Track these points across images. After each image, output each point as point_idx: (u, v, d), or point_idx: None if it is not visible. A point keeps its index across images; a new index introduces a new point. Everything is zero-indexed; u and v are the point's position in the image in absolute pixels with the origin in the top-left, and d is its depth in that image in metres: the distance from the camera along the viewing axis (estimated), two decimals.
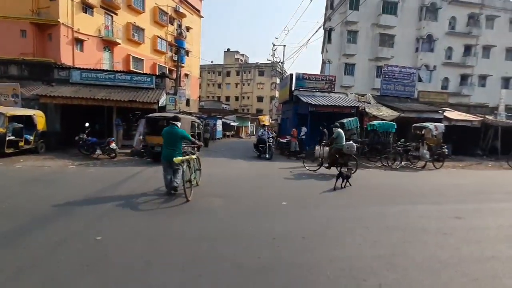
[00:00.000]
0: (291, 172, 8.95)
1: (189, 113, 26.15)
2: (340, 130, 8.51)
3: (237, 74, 61.19)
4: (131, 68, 24.46)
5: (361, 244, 3.59)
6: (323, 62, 28.08)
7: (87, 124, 10.47)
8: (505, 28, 30.08)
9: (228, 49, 66.78)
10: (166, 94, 13.77)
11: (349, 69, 28.40)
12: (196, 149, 6.10)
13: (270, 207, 5.11)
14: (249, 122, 40.98)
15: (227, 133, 31.53)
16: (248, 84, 60.44)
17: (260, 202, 5.40)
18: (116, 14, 23.52)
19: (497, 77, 30.04)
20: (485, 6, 29.47)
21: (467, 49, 29.76)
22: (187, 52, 33.59)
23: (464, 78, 30.06)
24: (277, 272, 2.80)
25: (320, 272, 2.84)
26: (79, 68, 13.74)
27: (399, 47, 28.35)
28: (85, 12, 21.04)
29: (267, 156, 12.11)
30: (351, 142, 8.53)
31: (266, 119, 42.85)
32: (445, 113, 15.75)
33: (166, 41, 29.90)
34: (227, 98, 60.70)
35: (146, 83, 13.51)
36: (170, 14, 30.12)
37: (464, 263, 3.17)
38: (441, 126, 11.91)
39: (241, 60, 67.30)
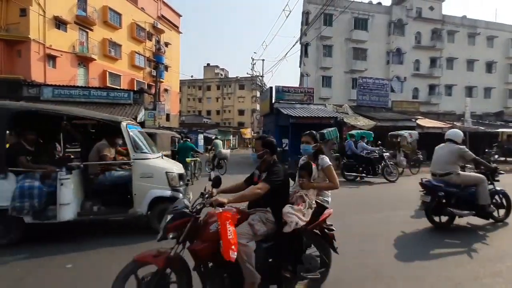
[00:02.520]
0: None
1: (169, 128, 25.75)
2: None
3: (218, 88, 61.49)
4: (108, 84, 23.84)
5: (346, 253, 3.56)
6: (302, 75, 28.92)
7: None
8: (464, 42, 32.71)
9: (208, 64, 67.29)
10: (145, 110, 13.49)
11: (326, 81, 29.42)
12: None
13: None
14: (231, 136, 40.94)
15: (209, 147, 31.21)
16: (229, 98, 60.78)
17: None
18: (91, 30, 23.09)
19: (461, 87, 32.32)
20: (446, 22, 32.00)
21: (433, 61, 31.91)
22: (166, 67, 33.41)
23: (432, 88, 32.02)
24: None
25: None
26: (51, 85, 13.21)
27: (372, 60, 29.88)
28: (58, 28, 20.47)
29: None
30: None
31: (248, 132, 43.11)
32: (417, 121, 16.59)
33: (145, 56, 29.64)
34: (208, 112, 60.54)
35: (124, 98, 13.21)
36: (148, 30, 30.03)
37: (445, 267, 3.23)
38: (415, 133, 12.49)
39: (221, 75, 67.90)
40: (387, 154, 10.05)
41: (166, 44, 33.63)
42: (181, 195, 4.04)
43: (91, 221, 4.17)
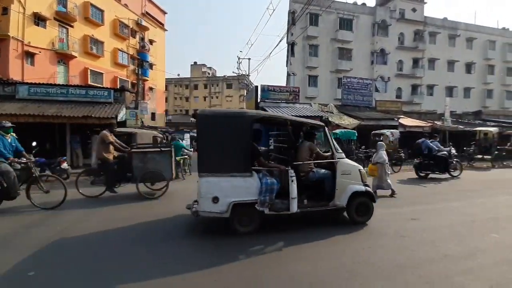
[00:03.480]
0: None
1: (154, 128, 25.25)
2: None
3: (205, 87, 60.91)
4: (90, 82, 23.12)
5: (323, 255, 3.54)
6: (288, 75, 29.01)
7: (34, 143, 9.49)
8: (445, 43, 33.74)
9: (195, 62, 66.59)
10: (126, 109, 13.12)
11: (313, 80, 29.64)
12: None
13: None
14: None
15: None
16: (217, 97, 60.36)
17: None
18: (72, 26, 22.28)
19: (442, 87, 33.33)
20: (428, 24, 32.89)
21: (415, 62, 32.73)
22: (151, 65, 32.72)
23: (414, 88, 32.85)
24: None
25: None
26: (26, 83, 12.62)
27: (357, 60, 30.33)
28: (37, 25, 19.64)
29: None
30: None
31: None
32: (400, 120, 16.94)
33: (128, 54, 28.88)
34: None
35: (104, 97, 12.78)
36: (131, 27, 29.29)
37: (419, 265, 3.25)
38: (396, 132, 12.75)
39: (209, 73, 67.31)
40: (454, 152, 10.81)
41: (151, 42, 32.95)
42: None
43: (304, 213, 4.48)
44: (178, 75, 62.89)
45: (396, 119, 17.04)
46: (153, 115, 33.44)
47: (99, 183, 6.68)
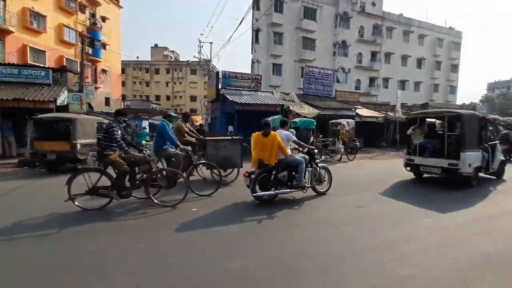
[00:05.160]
0: None
1: (108, 114, 23.33)
2: None
3: (167, 72, 57.82)
4: (30, 62, 20.40)
5: (261, 248, 3.40)
6: (253, 62, 28.57)
7: None
8: (400, 39, 35.78)
9: (156, 45, 62.42)
10: (69, 91, 11.72)
11: (277, 69, 29.60)
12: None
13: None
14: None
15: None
16: (180, 83, 57.73)
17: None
18: None
19: (396, 80, 35.57)
20: (385, 19, 34.47)
21: (373, 55, 34.32)
22: (104, 45, 29.95)
23: (372, 80, 34.59)
24: None
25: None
26: None
27: (320, 50, 30.86)
28: None
29: None
30: None
31: (200, 119, 41.60)
32: (356, 111, 17.65)
33: (76, 31, 25.95)
34: (157, 98, 56.72)
35: (40, 77, 11.26)
36: (80, 0, 26.26)
37: (357, 253, 3.26)
38: (352, 122, 13.18)
39: (171, 57, 63.78)
40: None
41: (103, 19, 30.02)
42: None
43: None
44: (137, 57, 58.70)
45: (353, 109, 17.72)
46: (107, 100, 30.90)
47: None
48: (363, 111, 18.54)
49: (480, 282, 2.72)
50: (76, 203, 4.48)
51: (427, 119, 8.24)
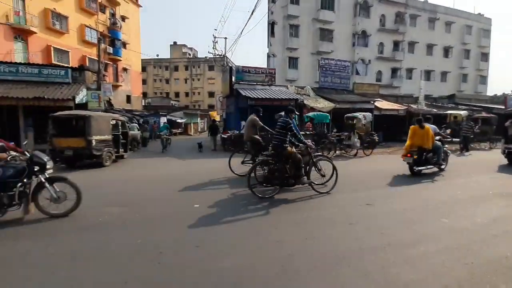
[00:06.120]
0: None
1: (128, 111, 24.09)
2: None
3: (186, 69, 58.70)
4: (53, 61, 21.44)
5: (261, 246, 3.27)
6: (268, 56, 28.19)
7: None
8: (425, 26, 33.77)
9: (175, 43, 63.62)
10: (88, 90, 12.14)
11: (293, 62, 29.02)
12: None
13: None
14: (199, 119, 39.65)
15: (174, 130, 30.03)
16: (198, 79, 58.46)
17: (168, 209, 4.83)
18: None
19: (421, 70, 33.70)
20: (409, 6, 32.62)
21: (396, 44, 32.69)
22: (124, 44, 30.83)
23: (394, 71, 33.01)
24: None
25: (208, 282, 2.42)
26: None
27: (338, 41, 29.84)
28: None
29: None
30: None
31: (215, 115, 41.97)
32: (375, 103, 16.90)
33: (97, 31, 26.88)
34: (177, 94, 57.95)
35: (60, 77, 11.74)
36: (100, 1, 27.13)
37: (360, 255, 3.04)
38: (368, 115, 12.62)
39: (189, 54, 64.68)
40: None
41: (123, 18, 30.87)
42: None
43: None
44: (157, 55, 60.06)
45: (372, 102, 16.97)
46: (128, 98, 31.92)
47: (248, 162, 7.29)
48: (382, 104, 17.72)
49: None
50: (255, 192, 5.12)
51: None
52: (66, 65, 18.25)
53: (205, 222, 4.03)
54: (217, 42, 26.62)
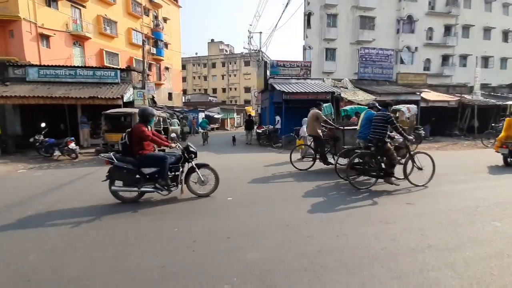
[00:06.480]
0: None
1: (169, 107, 25.53)
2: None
3: (223, 65, 60.04)
4: (105, 63, 23.54)
5: (292, 241, 3.29)
6: (304, 49, 27.54)
7: (43, 125, 9.92)
8: (481, 7, 29.94)
9: (212, 40, 65.25)
10: (134, 89, 13.15)
11: (330, 54, 27.95)
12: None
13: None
14: (235, 114, 40.48)
15: (212, 126, 31.11)
16: (235, 75, 59.48)
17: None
18: (84, 6, 22.39)
19: (476, 57, 30.09)
20: None
21: (447, 29, 29.57)
22: (166, 44, 32.55)
23: (445, 59, 29.98)
24: None
25: (229, 278, 2.54)
26: (36, 65, 12.98)
27: (380, 29, 27.95)
28: (49, 6, 19.91)
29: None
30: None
31: (251, 110, 42.45)
32: (422, 95, 15.59)
33: (142, 33, 28.79)
34: (214, 91, 59.71)
35: (110, 77, 12.89)
36: (144, 4, 28.96)
37: (395, 256, 2.91)
38: (413, 108, 11.72)
39: (226, 51, 65.94)
40: None
41: (165, 20, 32.54)
42: None
43: None
44: (196, 54, 62.28)
45: (418, 93, 15.65)
46: (169, 95, 33.75)
47: (308, 156, 7.63)
48: (430, 95, 16.26)
49: None
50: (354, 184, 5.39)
51: None
52: (116, 66, 19.90)
53: (236, 215, 4.16)
54: (252, 37, 26.79)
